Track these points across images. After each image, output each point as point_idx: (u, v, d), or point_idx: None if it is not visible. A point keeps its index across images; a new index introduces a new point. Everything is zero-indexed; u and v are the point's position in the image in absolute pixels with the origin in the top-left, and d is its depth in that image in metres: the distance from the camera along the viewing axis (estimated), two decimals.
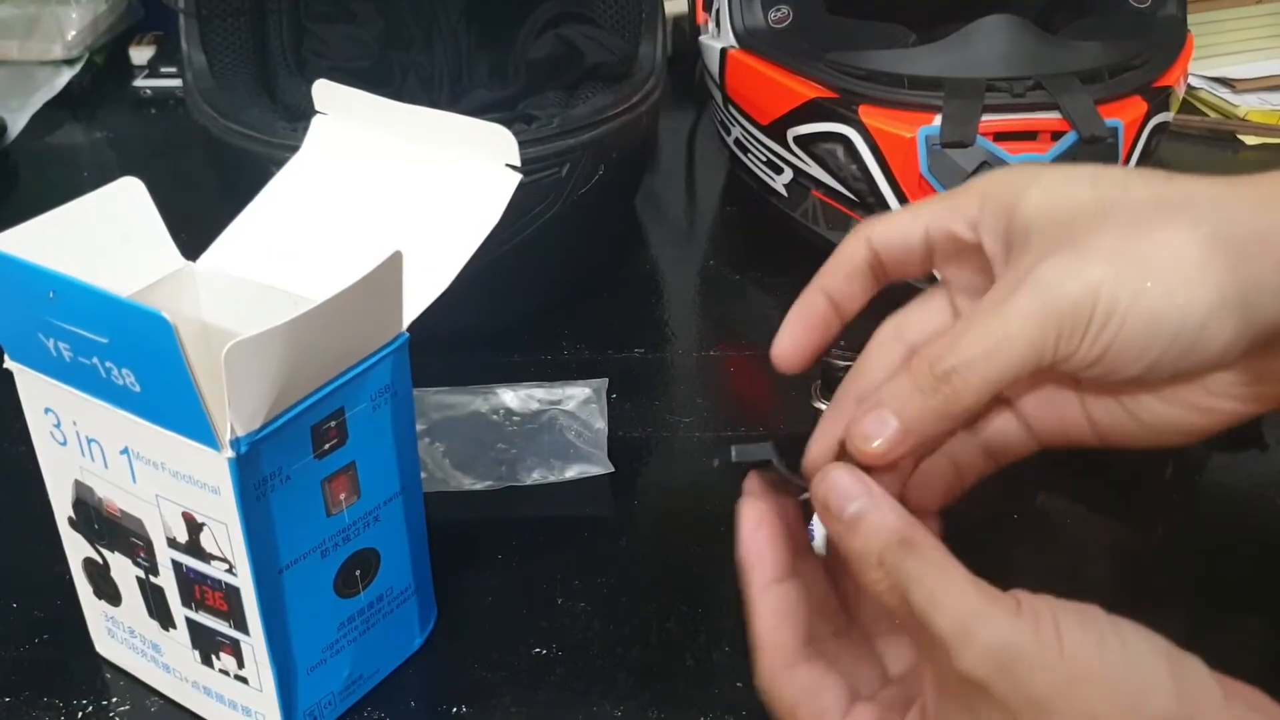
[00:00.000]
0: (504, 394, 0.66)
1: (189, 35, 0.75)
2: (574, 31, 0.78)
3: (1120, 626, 0.33)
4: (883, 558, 0.34)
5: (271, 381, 0.41)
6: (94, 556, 0.50)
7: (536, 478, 0.62)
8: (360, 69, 0.81)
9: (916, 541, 0.34)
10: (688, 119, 1.03)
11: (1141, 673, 0.32)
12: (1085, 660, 0.32)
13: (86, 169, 1.01)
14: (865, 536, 0.35)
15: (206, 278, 0.52)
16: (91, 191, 0.48)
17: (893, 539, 0.34)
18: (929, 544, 0.34)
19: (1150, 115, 0.73)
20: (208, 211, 0.59)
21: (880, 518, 0.35)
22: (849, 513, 0.35)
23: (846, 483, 0.36)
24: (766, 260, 0.82)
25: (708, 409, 0.68)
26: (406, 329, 0.47)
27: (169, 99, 1.09)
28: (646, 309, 0.79)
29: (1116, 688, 0.32)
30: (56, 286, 0.40)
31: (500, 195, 0.52)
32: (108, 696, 0.51)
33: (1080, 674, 0.32)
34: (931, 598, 0.33)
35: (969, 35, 0.72)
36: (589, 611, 0.55)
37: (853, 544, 0.35)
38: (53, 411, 0.46)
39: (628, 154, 0.73)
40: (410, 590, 0.51)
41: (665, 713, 0.50)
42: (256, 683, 0.47)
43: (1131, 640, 0.33)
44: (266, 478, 0.43)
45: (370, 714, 0.50)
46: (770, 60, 0.78)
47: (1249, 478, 0.63)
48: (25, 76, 1.09)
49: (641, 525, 0.61)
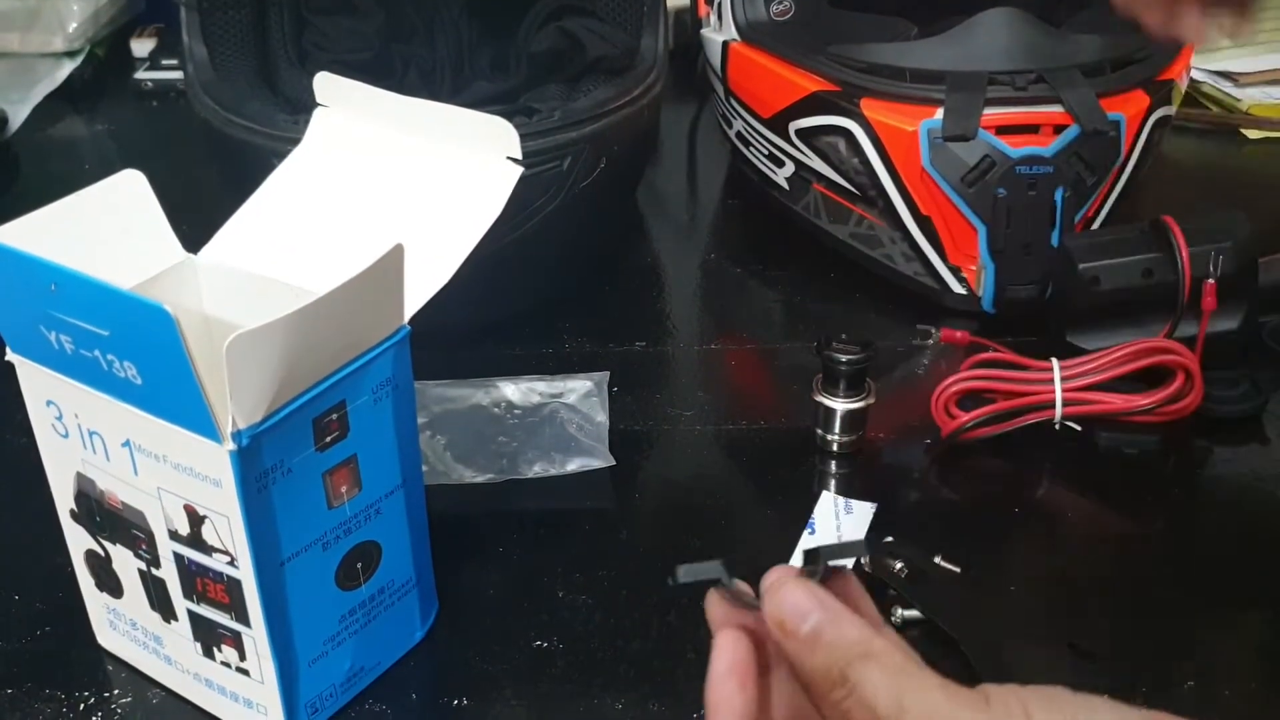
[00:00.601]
0: (505, 387, 0.66)
1: (190, 28, 0.75)
2: (576, 24, 0.78)
3: (1091, 706, 0.32)
4: (845, 674, 0.33)
5: (273, 374, 0.41)
6: (96, 549, 0.50)
7: (537, 471, 0.62)
8: (361, 61, 0.81)
9: (876, 650, 0.33)
10: (689, 112, 1.03)
11: None
12: None
13: (88, 161, 1.01)
14: (825, 653, 0.34)
15: (208, 270, 0.52)
16: (93, 184, 0.48)
17: (853, 653, 0.33)
18: (889, 651, 0.34)
19: (1152, 109, 0.73)
20: (209, 204, 0.59)
21: (837, 632, 0.34)
22: (805, 631, 0.34)
23: (800, 598, 0.35)
24: (768, 253, 0.82)
25: (709, 402, 0.68)
26: (408, 322, 0.47)
27: (170, 91, 1.09)
28: (647, 302, 0.79)
29: None
30: (58, 279, 0.40)
31: (501, 188, 0.52)
32: (109, 688, 0.52)
33: None
34: (899, 706, 0.32)
35: (971, 28, 0.72)
36: (590, 604, 0.55)
37: (812, 662, 0.34)
38: (54, 404, 0.46)
39: (629, 147, 0.73)
40: (411, 583, 0.51)
41: (666, 705, 0.50)
42: (258, 675, 0.47)
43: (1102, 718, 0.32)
44: (268, 470, 0.43)
45: (371, 706, 0.50)
46: (772, 53, 0.78)
47: (1250, 472, 0.63)
48: (26, 69, 1.09)
49: (642, 518, 0.61)
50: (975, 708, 0.32)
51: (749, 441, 0.65)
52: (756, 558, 0.40)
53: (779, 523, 0.59)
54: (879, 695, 0.33)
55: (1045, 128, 0.69)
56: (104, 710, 0.50)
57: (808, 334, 0.72)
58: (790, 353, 0.73)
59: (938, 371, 0.71)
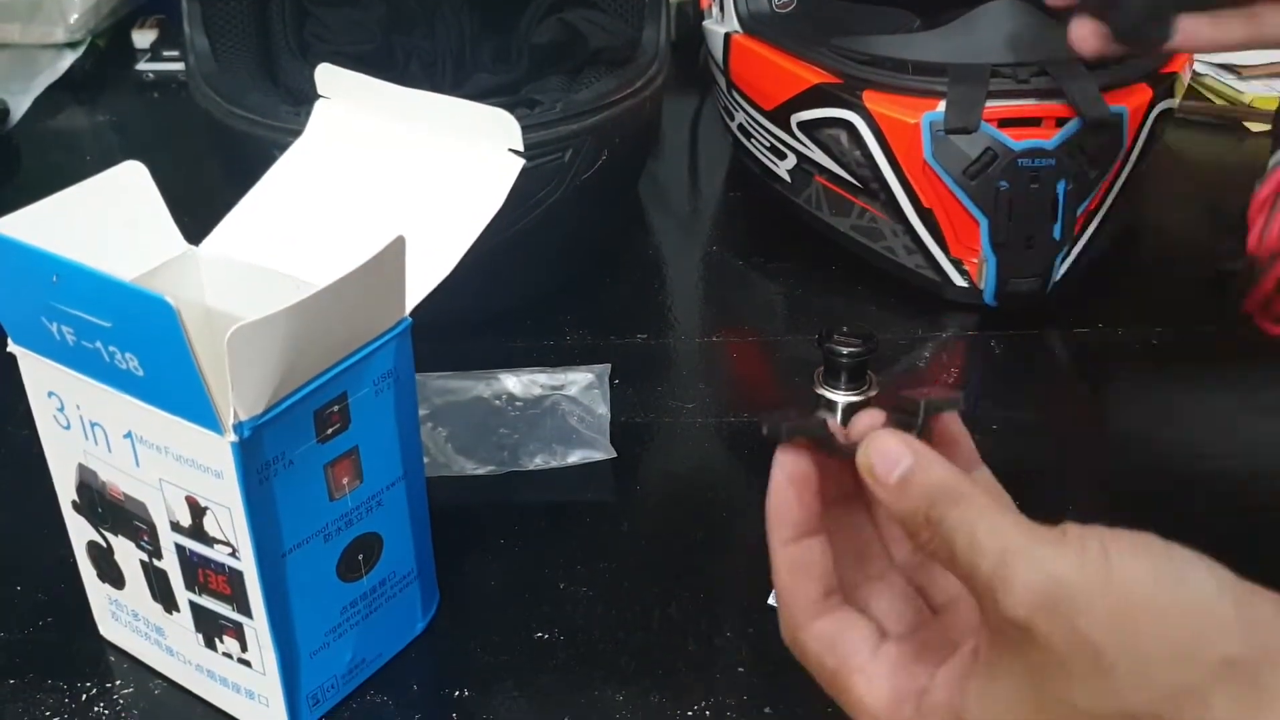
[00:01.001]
0: (506, 379, 0.66)
1: (191, 18, 0.75)
2: (577, 16, 0.78)
3: (1180, 557, 0.31)
4: (929, 515, 0.34)
5: (274, 366, 0.41)
6: (97, 540, 0.50)
7: (539, 463, 0.62)
8: (363, 53, 0.81)
9: (963, 492, 0.33)
10: (691, 104, 1.02)
11: (1201, 610, 0.30)
12: (1136, 593, 0.30)
13: (89, 153, 1.01)
14: (912, 497, 0.34)
15: (209, 262, 0.52)
16: (94, 176, 0.48)
17: (938, 494, 0.34)
18: (976, 492, 0.34)
19: (1155, 101, 0.73)
20: (211, 196, 0.59)
21: (925, 476, 0.34)
22: (895, 476, 0.34)
23: (892, 445, 0.35)
24: (770, 246, 0.82)
25: (710, 394, 0.68)
26: (409, 314, 0.47)
27: (171, 82, 1.09)
28: (649, 294, 0.79)
29: (1171, 625, 0.30)
30: (59, 270, 0.40)
31: (503, 180, 0.52)
32: (111, 679, 0.52)
33: (1130, 607, 0.30)
34: (973, 543, 0.32)
35: (973, 20, 0.71)
36: (591, 596, 0.55)
37: (901, 506, 0.34)
38: (56, 395, 0.46)
39: (631, 139, 0.73)
40: (413, 574, 0.51)
41: (667, 697, 0.50)
42: (259, 666, 0.47)
43: (1191, 573, 0.30)
44: (269, 462, 0.43)
45: (373, 697, 0.51)
46: (774, 45, 0.78)
47: (1251, 468, 0.63)
48: (28, 60, 1.09)
49: (643, 510, 0.61)
50: (1051, 542, 0.32)
51: (750, 434, 0.65)
52: (757, 557, 0.40)
53: None
54: (957, 534, 0.33)
55: (1047, 120, 0.69)
56: (106, 701, 0.51)
57: (809, 326, 0.72)
58: (792, 345, 0.73)
59: (939, 364, 0.71)
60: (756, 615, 0.53)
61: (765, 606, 0.54)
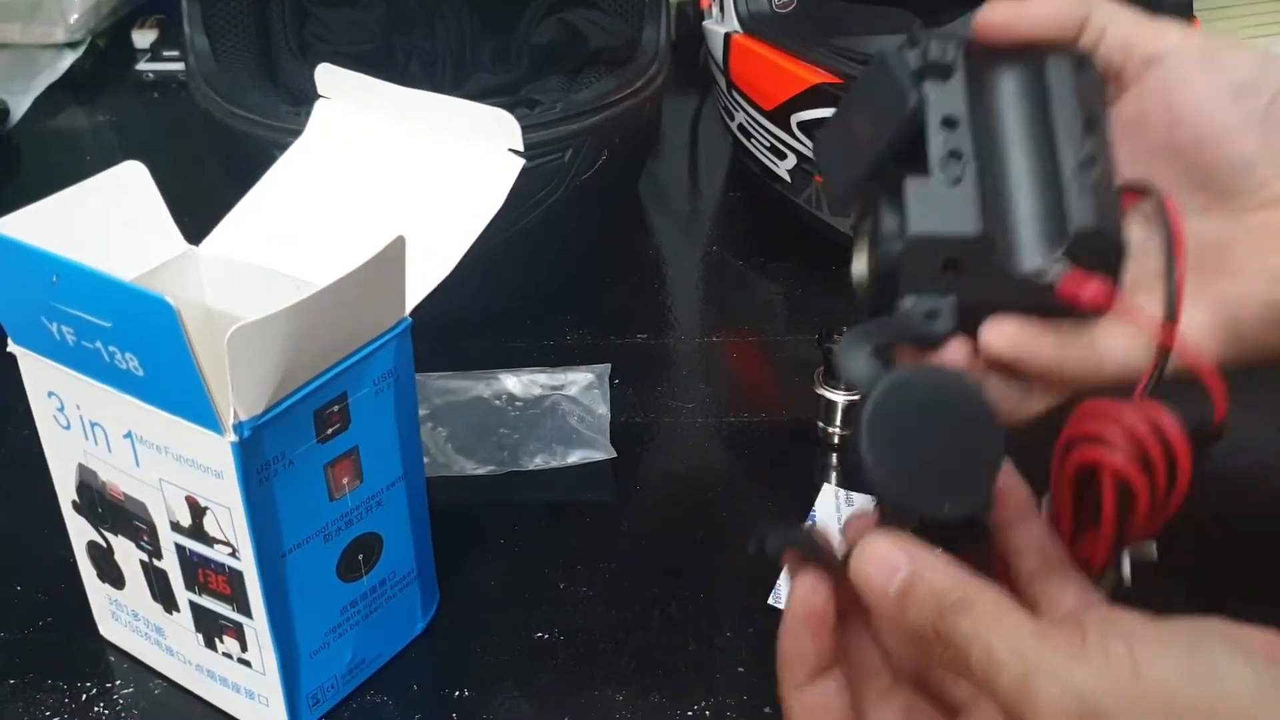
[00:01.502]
0: (506, 379, 0.66)
1: (191, 18, 0.75)
2: (577, 16, 0.78)
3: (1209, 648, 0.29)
4: (938, 628, 0.32)
5: (274, 366, 0.41)
6: (97, 540, 0.50)
7: (539, 463, 0.62)
8: (363, 53, 0.81)
9: (970, 598, 0.32)
10: (691, 104, 1.02)
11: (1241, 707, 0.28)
12: (1172, 699, 0.28)
13: (89, 153, 1.01)
14: (915, 610, 0.32)
15: (209, 262, 0.52)
16: (94, 176, 0.48)
17: (943, 604, 0.32)
18: (985, 594, 0.32)
19: None
20: (211, 196, 0.59)
21: (928, 586, 0.32)
22: (895, 586, 0.33)
23: (884, 551, 0.33)
24: (770, 246, 0.82)
25: (710, 394, 0.68)
26: (409, 314, 0.47)
27: (172, 82, 1.09)
28: (649, 294, 0.79)
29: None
30: (59, 270, 0.40)
31: (503, 180, 0.52)
32: (111, 679, 0.52)
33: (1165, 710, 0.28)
34: (990, 657, 0.31)
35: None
36: (591, 596, 0.55)
37: (906, 620, 0.33)
38: (56, 395, 0.46)
39: (631, 139, 0.73)
40: (413, 574, 0.51)
41: (666, 697, 0.50)
42: (259, 666, 0.47)
43: (1227, 665, 0.29)
44: (269, 462, 0.43)
45: (373, 697, 0.51)
46: (774, 45, 0.78)
47: (1252, 465, 0.63)
48: (28, 60, 1.09)
49: (643, 510, 0.61)
50: (1072, 653, 0.30)
51: (750, 434, 0.65)
52: (757, 557, 0.40)
53: (780, 515, 0.59)
54: (972, 646, 0.31)
55: None
56: (106, 701, 0.51)
57: (809, 326, 0.72)
58: (792, 345, 0.73)
59: None
60: (756, 615, 0.53)
61: (765, 606, 0.54)
